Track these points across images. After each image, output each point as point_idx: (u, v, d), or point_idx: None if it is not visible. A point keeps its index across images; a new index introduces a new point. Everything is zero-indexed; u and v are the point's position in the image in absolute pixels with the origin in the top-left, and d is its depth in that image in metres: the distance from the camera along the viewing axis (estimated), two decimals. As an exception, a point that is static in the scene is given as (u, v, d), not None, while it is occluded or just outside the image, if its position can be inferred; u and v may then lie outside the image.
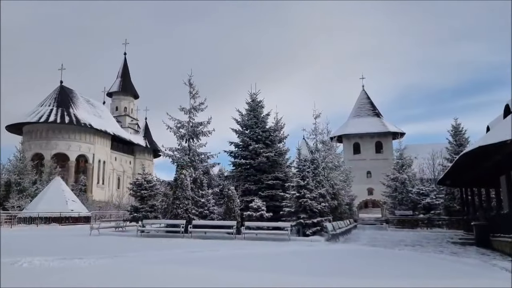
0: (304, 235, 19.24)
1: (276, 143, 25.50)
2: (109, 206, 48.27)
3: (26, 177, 41.33)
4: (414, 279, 8.66)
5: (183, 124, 25.03)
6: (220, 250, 13.76)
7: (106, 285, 7.40)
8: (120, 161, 73.08)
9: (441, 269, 10.41)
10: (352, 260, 12.12)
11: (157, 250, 13.93)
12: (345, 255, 13.40)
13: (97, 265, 9.92)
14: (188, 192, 21.52)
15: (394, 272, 9.69)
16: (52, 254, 11.52)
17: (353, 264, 11.20)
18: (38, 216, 31.10)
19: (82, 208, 36.84)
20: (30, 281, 7.77)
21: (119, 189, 69.78)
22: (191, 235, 19.50)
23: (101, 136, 65.72)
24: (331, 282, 7.93)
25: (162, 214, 23.51)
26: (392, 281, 8.23)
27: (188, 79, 25.21)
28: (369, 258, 12.79)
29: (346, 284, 7.71)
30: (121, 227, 24.38)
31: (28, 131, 60.75)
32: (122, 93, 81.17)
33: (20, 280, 7.79)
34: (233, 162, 25.47)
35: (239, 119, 25.73)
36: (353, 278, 8.61)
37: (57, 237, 19.91)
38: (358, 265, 10.99)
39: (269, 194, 23.03)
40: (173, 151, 24.85)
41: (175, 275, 8.53)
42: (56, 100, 61.26)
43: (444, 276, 9.23)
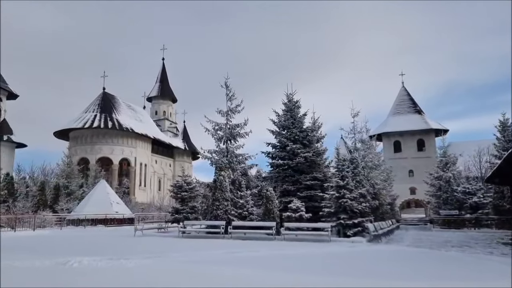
0: (344, 236, 18.93)
1: (313, 143, 25.27)
2: (151, 207, 49.64)
3: (74, 181, 43.32)
4: (464, 281, 8.29)
5: (221, 126, 25.31)
6: (260, 251, 13.79)
7: (151, 284, 7.61)
8: (160, 164, 75.04)
9: (491, 271, 9.91)
10: (396, 262, 11.79)
11: (199, 250, 14.17)
12: (389, 256, 13.05)
13: (142, 265, 10.23)
14: (227, 193, 21.73)
15: (442, 274, 9.32)
16: (100, 254, 11.99)
17: (397, 266, 10.88)
18: (85, 218, 32.50)
19: (126, 210, 38.12)
20: (79, 280, 8.12)
21: (160, 191, 71.71)
22: (231, 236, 19.69)
23: (142, 140, 67.79)
24: (375, 283, 7.75)
25: (202, 215, 23.90)
26: (440, 284, 7.92)
27: (225, 81, 25.51)
28: (414, 259, 12.39)
29: (391, 285, 7.51)
30: (163, 228, 25.00)
31: (74, 136, 63.72)
32: (161, 97, 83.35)
33: (70, 279, 8.16)
34: (270, 163, 25.48)
35: (275, 119, 25.71)
36: (398, 280, 8.37)
37: (103, 238, 20.73)
38: (402, 267, 10.67)
39: (308, 195, 22.84)
40: (212, 153, 25.18)
41: (217, 275, 8.64)
42: (99, 106, 63.84)
43: (494, 278, 8.78)
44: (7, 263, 10.09)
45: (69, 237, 21.97)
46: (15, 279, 8.11)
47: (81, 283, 7.81)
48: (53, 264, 10.16)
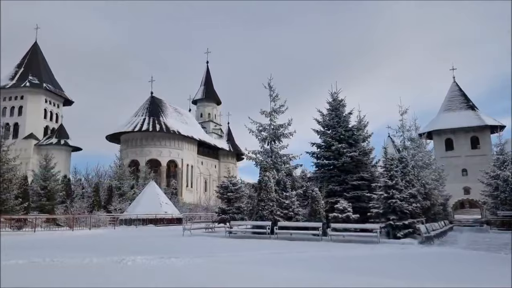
0: (394, 237, 18.34)
1: (359, 142, 24.71)
2: (198, 208, 50.72)
3: (125, 182, 45.22)
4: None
5: (265, 127, 25.40)
6: (308, 252, 13.68)
7: (200, 284, 7.77)
8: (206, 165, 76.54)
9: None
10: (451, 264, 11.25)
11: (246, 250, 14.28)
12: (442, 259, 12.48)
13: (192, 264, 10.47)
14: (272, 194, 21.76)
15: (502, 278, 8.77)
16: (152, 253, 12.42)
17: (452, 269, 10.39)
18: (137, 217, 33.82)
19: (174, 210, 39.24)
20: (133, 278, 8.45)
21: (206, 191, 73.17)
22: (277, 236, 19.69)
23: (188, 142, 69.51)
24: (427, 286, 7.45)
25: (248, 216, 24.09)
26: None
27: (268, 82, 25.60)
28: (470, 262, 11.77)
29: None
30: (211, 228, 25.48)
31: (125, 140, 66.54)
32: (205, 100, 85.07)
33: (125, 277, 8.50)
34: (315, 163, 25.21)
35: (320, 119, 25.41)
36: (455, 283, 7.98)
37: (154, 237, 21.46)
38: (458, 270, 10.17)
39: (355, 195, 22.37)
40: (256, 154, 25.32)
41: (265, 276, 8.67)
42: (148, 110, 66.25)
43: None
44: (67, 261, 10.71)
45: (122, 236, 22.95)
46: (74, 276, 8.58)
47: (135, 281, 8.13)
48: (108, 262, 10.65)
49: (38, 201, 34.55)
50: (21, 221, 27.89)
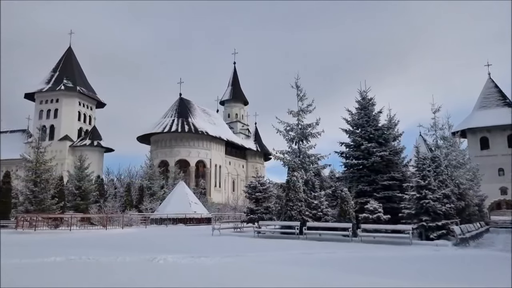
0: (427, 238, 17.86)
1: (390, 141, 24.22)
2: (226, 207, 51.15)
3: (155, 182, 46.16)
4: None
5: (292, 127, 25.29)
6: (337, 252, 13.54)
7: (230, 283, 7.83)
8: (234, 165, 77.03)
9: None
10: (488, 267, 10.86)
11: (275, 250, 14.29)
12: (479, 261, 12.07)
13: (222, 263, 10.58)
14: (301, 194, 21.64)
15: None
16: (182, 252, 12.63)
17: (489, 272, 10.02)
18: (167, 217, 34.45)
19: (203, 209, 39.72)
20: (165, 276, 8.61)
21: (234, 191, 73.64)
22: (305, 236, 19.58)
23: (216, 142, 70.18)
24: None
25: (276, 216, 24.05)
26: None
27: (295, 81, 25.47)
28: (507, 265, 11.29)
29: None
30: (239, 227, 25.62)
31: (155, 140, 67.93)
32: (233, 100, 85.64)
33: (157, 276, 8.68)
34: (344, 163, 24.89)
35: (349, 118, 25.05)
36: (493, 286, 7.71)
37: (184, 237, 21.81)
38: (495, 273, 9.79)
39: (386, 195, 21.93)
40: (284, 154, 25.25)
41: (294, 276, 8.65)
42: (176, 111, 67.38)
43: None
44: (102, 259, 11.04)
45: (154, 235, 23.44)
46: (108, 274, 8.84)
47: (167, 279, 8.29)
48: (141, 260, 10.90)
49: (73, 200, 35.81)
50: (57, 220, 28.97)
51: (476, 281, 8.51)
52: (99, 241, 18.41)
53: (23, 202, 30.91)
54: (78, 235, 23.27)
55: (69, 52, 72.44)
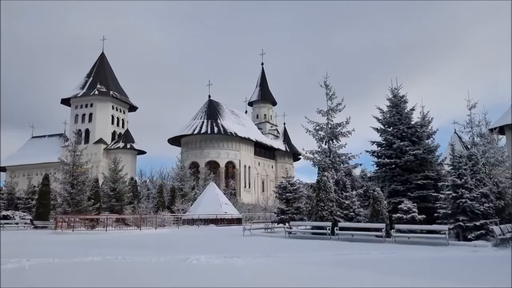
0: (465, 239, 17.25)
1: (423, 139, 23.56)
2: (257, 208, 51.25)
3: (186, 183, 46.89)
4: None
5: (322, 126, 25.06)
6: (371, 253, 13.31)
7: (263, 284, 7.85)
8: (263, 166, 77.13)
9: None
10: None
11: (306, 251, 14.21)
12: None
13: (254, 264, 10.62)
14: (332, 194, 21.41)
15: None
16: (215, 252, 12.78)
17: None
18: (199, 217, 34.92)
19: (234, 210, 39.99)
20: (198, 276, 8.73)
21: (263, 192, 73.71)
22: (337, 237, 19.36)
23: (245, 143, 70.52)
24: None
25: (307, 216, 23.90)
26: None
27: (324, 80, 25.23)
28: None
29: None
30: (270, 228, 25.63)
31: (185, 142, 69.03)
32: (261, 101, 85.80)
33: (190, 276, 8.82)
34: (376, 162, 24.42)
35: (380, 117, 24.55)
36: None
37: (216, 237, 22.04)
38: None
39: (420, 195, 21.35)
40: (313, 154, 25.06)
41: (327, 277, 8.56)
42: (206, 113, 68.25)
43: None
44: (137, 259, 11.32)
45: (186, 235, 23.82)
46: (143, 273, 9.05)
47: (200, 279, 8.40)
48: (175, 260, 11.10)
49: (108, 202, 36.89)
50: (94, 221, 29.95)
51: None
52: (134, 242, 18.90)
53: (62, 203, 32.14)
54: (113, 235, 23.96)
55: (102, 58, 74.78)
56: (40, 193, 35.26)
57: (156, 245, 16.62)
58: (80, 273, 8.71)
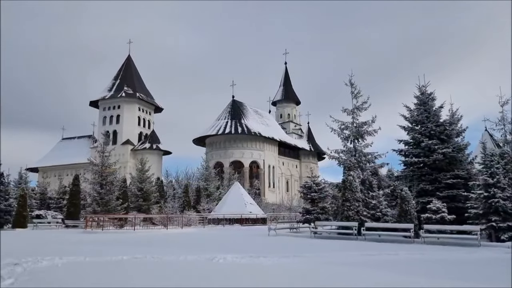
0: (498, 240, 16.70)
1: (453, 137, 22.92)
2: (281, 208, 51.17)
3: (211, 183, 47.33)
4: None
5: (347, 125, 24.78)
6: (399, 254, 13.06)
7: (289, 284, 7.84)
8: (287, 166, 76.93)
9: None
10: None
11: (333, 251, 14.09)
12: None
13: (280, 263, 10.60)
14: (358, 193, 21.14)
15: None
16: (241, 251, 12.84)
17: None
18: (224, 217, 35.16)
19: (259, 210, 40.05)
20: (225, 275, 8.80)
21: (288, 191, 73.52)
22: (364, 237, 19.10)
23: (269, 143, 70.50)
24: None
25: (332, 216, 23.70)
26: None
27: (349, 79, 24.95)
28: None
29: None
30: (295, 228, 25.53)
31: (210, 142, 69.65)
32: (285, 101, 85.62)
33: (218, 274, 8.90)
34: (403, 161, 23.95)
35: (407, 114, 24.06)
36: None
37: (241, 237, 22.14)
38: None
39: (449, 194, 20.79)
40: (339, 153, 24.82)
41: (354, 277, 8.46)
42: (229, 114, 68.66)
43: None
44: (165, 258, 11.51)
45: (212, 234, 24.04)
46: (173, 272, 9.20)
47: (228, 278, 8.47)
48: (201, 259, 11.22)
49: (136, 201, 37.67)
50: (122, 220, 30.63)
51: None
52: (161, 240, 19.22)
53: (91, 203, 33.02)
54: (141, 234, 24.44)
55: (129, 61, 76.41)
56: (71, 193, 36.35)
57: (183, 244, 16.85)
58: (111, 272, 8.93)
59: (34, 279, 7.70)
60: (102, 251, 13.04)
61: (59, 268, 9.16)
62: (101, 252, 12.84)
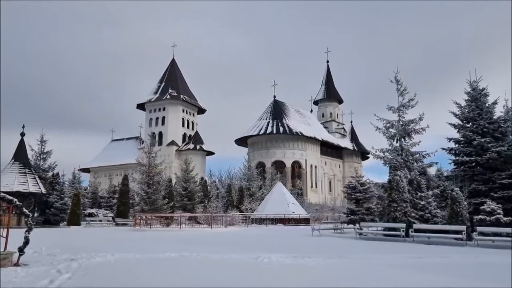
0: (560, 245, 15.55)
1: (508, 135, 21.68)
2: (324, 208, 50.57)
3: (254, 183, 47.66)
4: None
5: (393, 124, 24.07)
6: (451, 257, 12.49)
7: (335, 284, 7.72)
8: (330, 165, 75.90)
9: None
10: None
11: (379, 253, 13.72)
12: None
13: (325, 264, 10.48)
14: (405, 194, 20.45)
15: None
16: (285, 251, 12.82)
17: None
18: (267, 217, 35.27)
19: (301, 210, 39.82)
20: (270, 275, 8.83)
21: (331, 192, 72.51)
22: (412, 239, 18.44)
23: (311, 143, 69.92)
24: None
25: (378, 217, 23.11)
26: None
27: (395, 76, 24.21)
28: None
29: None
30: (339, 229, 25.14)
31: (251, 143, 70.16)
32: (327, 100, 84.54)
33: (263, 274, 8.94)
34: (453, 160, 22.96)
35: (457, 112, 23.02)
36: None
37: (285, 237, 22.11)
38: None
39: (505, 195, 19.65)
40: (384, 152, 24.16)
41: (405, 281, 8.19)
42: (271, 114, 68.81)
43: None
44: (211, 256, 11.72)
45: (255, 234, 24.18)
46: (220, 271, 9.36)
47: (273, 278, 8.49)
48: (246, 258, 11.32)
49: (181, 200, 38.66)
50: (168, 219, 31.53)
51: None
52: (206, 239, 19.60)
53: (139, 202, 34.25)
54: (187, 233, 25.03)
55: (173, 64, 78.59)
56: (120, 192, 37.93)
57: (228, 243, 17.08)
58: (159, 269, 9.23)
59: (89, 274, 8.12)
60: (150, 249, 13.50)
61: (112, 264, 9.59)
62: (150, 249, 13.29)
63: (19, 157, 31.01)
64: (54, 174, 35.70)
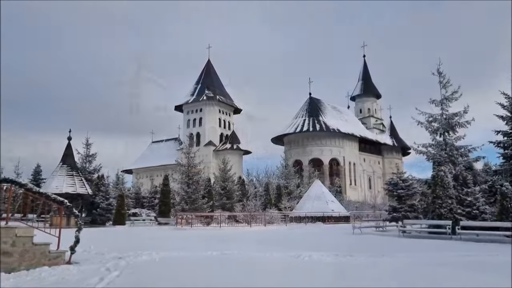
0: None
1: (562, 126, 20.34)
2: (364, 206, 49.62)
3: (291, 181, 47.48)
4: None
5: (435, 117, 23.23)
6: (501, 255, 11.88)
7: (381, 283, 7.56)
8: (368, 162, 74.35)
9: None
10: None
11: (425, 251, 13.29)
12: None
13: (368, 263, 10.27)
14: (451, 190, 19.69)
15: None
16: (326, 250, 12.68)
17: None
18: (305, 215, 35.06)
19: (341, 208, 39.25)
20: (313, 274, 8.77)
21: (370, 189, 71.00)
22: (459, 237, 17.72)
23: (349, 139, 68.77)
24: None
25: (422, 214, 22.42)
26: None
27: (437, 68, 23.36)
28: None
29: None
30: (381, 226, 24.59)
31: (288, 141, 69.97)
32: (364, 95, 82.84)
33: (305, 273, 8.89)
34: (502, 154, 21.84)
35: (505, 103, 21.85)
36: None
37: (325, 235, 21.91)
38: None
39: (561, 190, 18.45)
40: (427, 147, 23.36)
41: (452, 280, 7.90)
42: (307, 111, 68.30)
43: None
44: (252, 254, 11.81)
45: (294, 232, 24.12)
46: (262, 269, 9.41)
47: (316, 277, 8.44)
48: (287, 256, 11.30)
49: (220, 200, 39.18)
50: (209, 218, 32.05)
51: None
52: (246, 238, 19.76)
53: (180, 202, 35.06)
54: (227, 231, 25.34)
55: (208, 65, 79.75)
56: (162, 192, 38.95)
57: (268, 242, 17.13)
58: (202, 266, 9.41)
59: (136, 272, 8.40)
60: (193, 247, 13.78)
61: (157, 263, 9.87)
62: (192, 248, 13.58)
63: (67, 160, 32.55)
64: (99, 175, 37.19)
